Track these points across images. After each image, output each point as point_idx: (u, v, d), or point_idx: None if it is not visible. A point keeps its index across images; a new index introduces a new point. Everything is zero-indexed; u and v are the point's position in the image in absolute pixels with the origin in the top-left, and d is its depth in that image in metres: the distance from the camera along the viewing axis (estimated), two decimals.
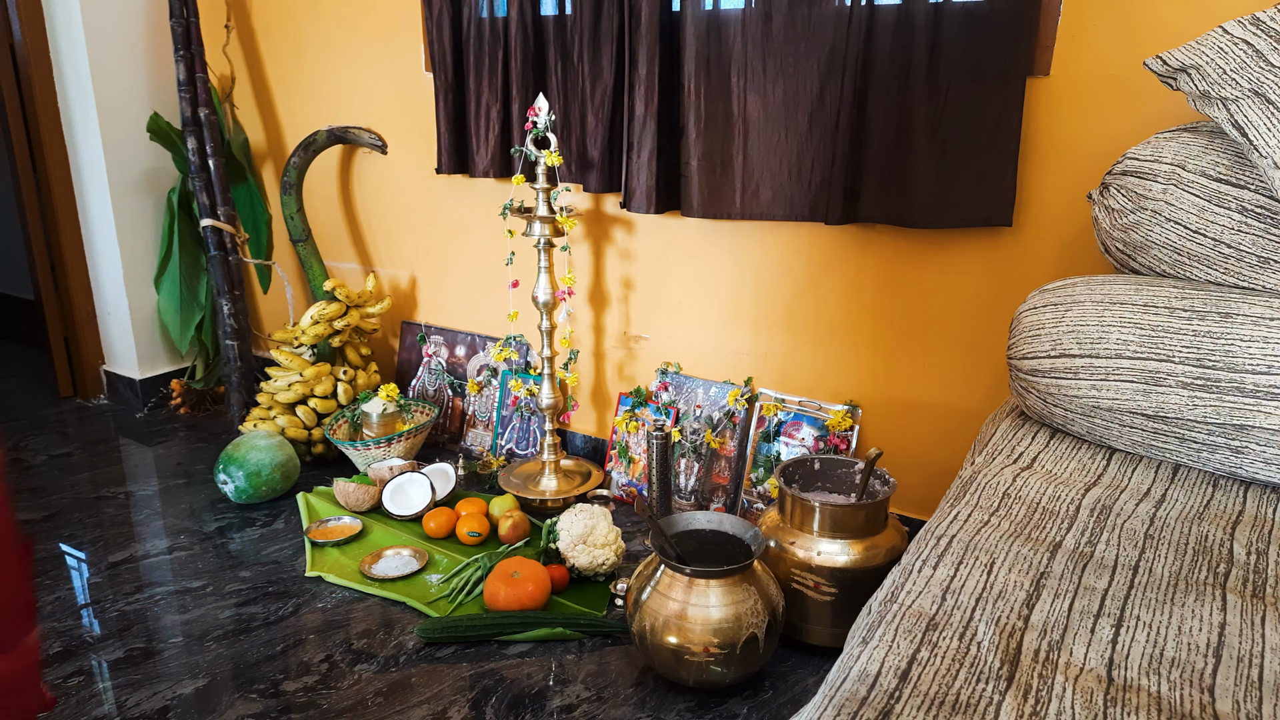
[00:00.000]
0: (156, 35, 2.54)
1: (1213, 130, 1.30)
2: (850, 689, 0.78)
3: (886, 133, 1.67)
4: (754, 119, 1.80)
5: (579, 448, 2.30)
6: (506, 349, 2.24)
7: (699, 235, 2.00)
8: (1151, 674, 0.79)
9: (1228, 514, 1.09)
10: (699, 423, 2.07)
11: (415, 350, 2.51)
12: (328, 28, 2.41)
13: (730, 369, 2.05)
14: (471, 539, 1.90)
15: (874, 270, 1.82)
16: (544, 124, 1.90)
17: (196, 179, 2.43)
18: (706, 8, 1.79)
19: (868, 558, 1.49)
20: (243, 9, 2.56)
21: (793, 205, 1.81)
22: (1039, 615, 0.87)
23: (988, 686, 0.77)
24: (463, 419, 2.40)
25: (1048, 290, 1.32)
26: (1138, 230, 1.31)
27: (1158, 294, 1.21)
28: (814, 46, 1.71)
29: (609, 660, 1.54)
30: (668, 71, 1.86)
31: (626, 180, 1.93)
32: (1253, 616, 0.87)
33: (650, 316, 2.13)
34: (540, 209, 1.93)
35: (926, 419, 1.84)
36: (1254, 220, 1.21)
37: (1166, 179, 1.28)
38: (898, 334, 1.83)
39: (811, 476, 1.69)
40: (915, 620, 0.87)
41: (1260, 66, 1.19)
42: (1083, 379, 1.21)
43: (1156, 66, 1.31)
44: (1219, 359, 1.12)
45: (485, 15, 2.05)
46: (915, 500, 1.85)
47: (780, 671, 1.51)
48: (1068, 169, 1.59)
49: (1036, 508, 1.09)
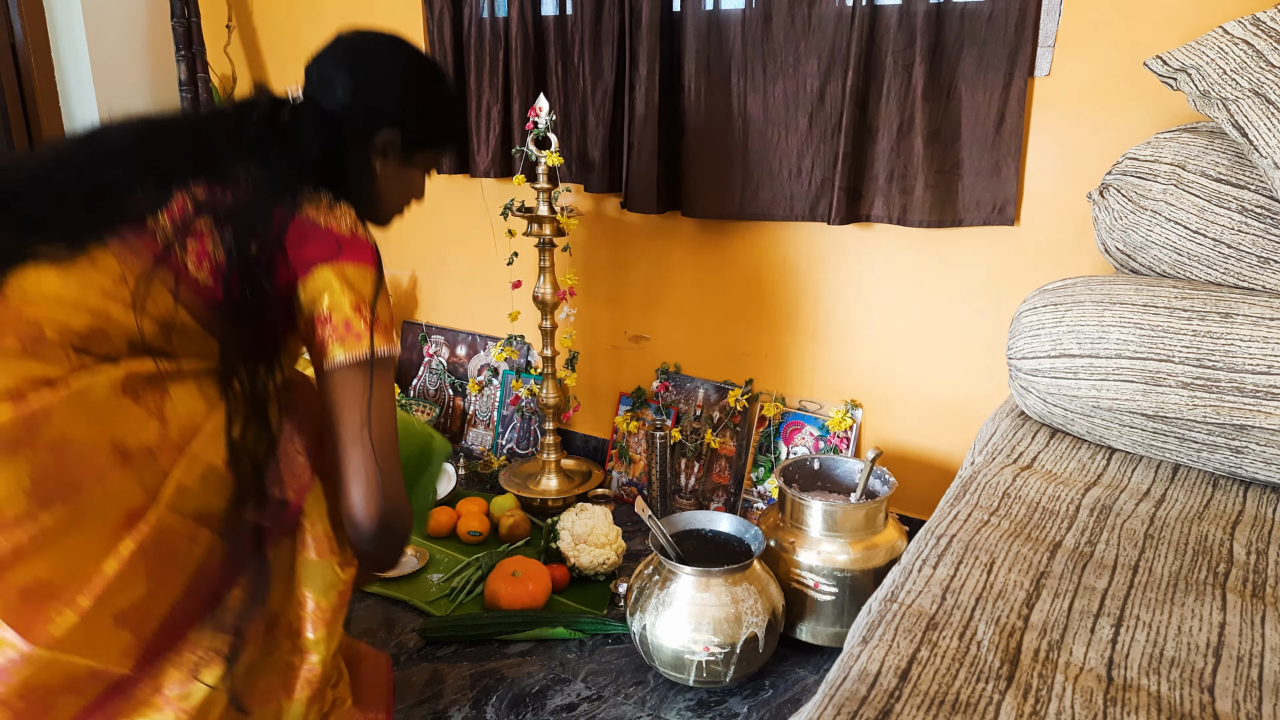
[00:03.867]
0: (157, 35, 2.54)
1: (1213, 130, 1.30)
2: (850, 688, 0.78)
3: (887, 133, 1.68)
4: (754, 119, 1.81)
5: (579, 447, 2.30)
6: (507, 348, 2.25)
7: (699, 235, 2.00)
8: (1151, 674, 0.79)
9: (1228, 514, 1.10)
10: (699, 423, 2.07)
11: (416, 350, 2.51)
12: (329, 28, 2.40)
13: (730, 369, 2.05)
14: (472, 538, 1.90)
15: (874, 270, 1.82)
16: (545, 124, 1.90)
17: None
18: (707, 8, 1.79)
19: (868, 557, 1.49)
20: (244, 9, 2.56)
21: (793, 205, 1.81)
22: (1039, 615, 0.87)
23: (988, 686, 0.77)
24: (464, 418, 2.41)
25: (1048, 290, 1.32)
26: (1138, 230, 1.31)
27: (1158, 294, 1.21)
28: (814, 46, 1.71)
29: (609, 659, 1.54)
30: (668, 71, 1.86)
31: (627, 180, 1.94)
32: (1253, 616, 0.88)
33: (650, 316, 2.13)
34: (541, 209, 1.93)
35: (926, 418, 1.84)
36: (1254, 220, 1.21)
37: (1167, 179, 1.28)
38: (898, 333, 1.83)
39: (811, 476, 1.69)
40: (915, 620, 0.87)
41: (1260, 67, 1.19)
42: (1083, 379, 1.21)
43: (1156, 67, 1.31)
44: (1219, 359, 1.12)
45: (486, 15, 2.06)
46: (915, 500, 1.85)
47: (780, 670, 1.51)
48: (1068, 169, 1.59)
49: (1036, 507, 1.09)
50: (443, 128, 1.28)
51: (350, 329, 1.04)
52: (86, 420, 0.87)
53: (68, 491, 0.85)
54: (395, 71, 1.22)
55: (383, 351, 1.06)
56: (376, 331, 1.05)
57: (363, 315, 1.04)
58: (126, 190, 1.00)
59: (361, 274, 1.06)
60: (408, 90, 1.22)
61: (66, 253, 0.93)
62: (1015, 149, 1.60)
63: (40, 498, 0.83)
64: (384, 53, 1.23)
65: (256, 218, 1.02)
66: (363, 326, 1.04)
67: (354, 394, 1.05)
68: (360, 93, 1.18)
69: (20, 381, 0.85)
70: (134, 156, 1.04)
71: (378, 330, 1.05)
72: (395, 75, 1.22)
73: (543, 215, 1.93)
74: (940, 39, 1.60)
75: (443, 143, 1.29)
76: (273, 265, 1.02)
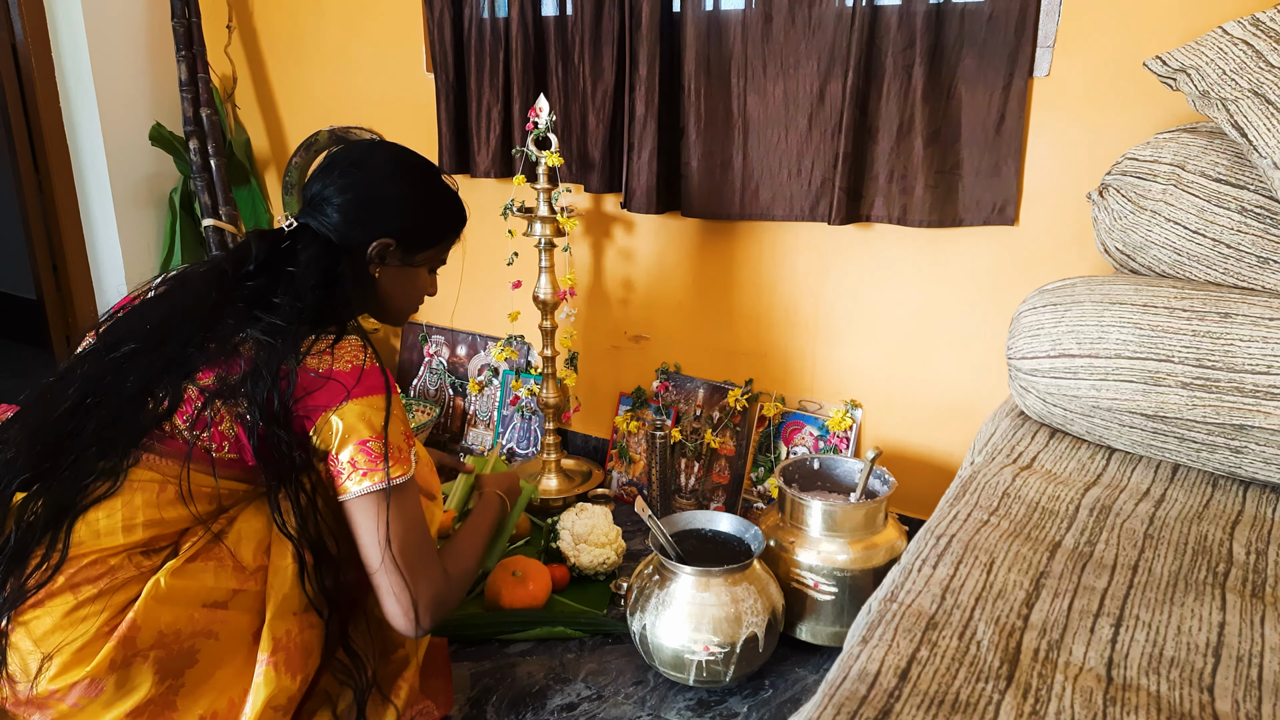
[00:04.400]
0: (158, 35, 2.54)
1: (1213, 130, 1.30)
2: (850, 688, 0.78)
3: (887, 133, 1.68)
4: (754, 119, 1.81)
5: (579, 447, 2.31)
6: (507, 349, 2.25)
7: (699, 235, 2.00)
8: (1151, 673, 0.79)
9: (1227, 514, 1.10)
10: (699, 423, 2.07)
11: (416, 350, 2.51)
12: (330, 28, 2.42)
13: (730, 369, 2.06)
14: None
15: (874, 270, 1.82)
16: (545, 124, 1.90)
17: (198, 179, 2.43)
18: (707, 8, 1.79)
19: (867, 557, 1.49)
20: (245, 9, 2.56)
21: (793, 205, 1.81)
22: (1039, 615, 0.88)
23: (987, 686, 0.77)
24: (464, 418, 2.41)
25: (1048, 290, 1.32)
26: (1137, 230, 1.31)
27: (1157, 294, 1.21)
28: (814, 46, 1.71)
29: (610, 659, 1.54)
30: (668, 72, 1.86)
31: (627, 180, 1.94)
32: (1252, 616, 0.88)
33: (650, 316, 2.14)
34: (541, 209, 1.93)
35: (926, 418, 1.84)
36: (1254, 220, 1.21)
37: (1166, 179, 1.28)
38: (898, 333, 1.83)
39: (811, 476, 1.70)
40: (915, 619, 0.87)
41: (1260, 67, 1.19)
42: (1082, 379, 1.21)
43: (1156, 67, 1.32)
44: (1219, 359, 1.12)
45: (486, 15, 2.06)
46: (915, 500, 1.85)
47: (780, 670, 1.51)
48: (1067, 169, 1.59)
49: (1036, 507, 1.10)
50: (437, 226, 1.32)
51: (356, 466, 1.11)
52: (168, 606, 1.03)
53: (189, 656, 1.04)
54: (381, 182, 1.25)
55: (398, 478, 1.12)
56: (390, 461, 1.11)
57: (369, 449, 1.11)
58: (143, 402, 1.08)
59: (369, 406, 1.12)
60: (396, 198, 1.26)
61: (110, 488, 1.03)
62: (1015, 149, 1.60)
63: (171, 674, 1.03)
64: (370, 164, 1.26)
65: (262, 386, 1.08)
66: (366, 461, 1.11)
67: (370, 522, 1.12)
68: (348, 208, 1.22)
69: (103, 624, 1.00)
70: (145, 358, 1.10)
71: (391, 460, 1.12)
72: (381, 186, 1.25)
73: (543, 215, 1.93)
74: (940, 39, 1.60)
75: (439, 240, 1.33)
76: (289, 420, 1.09)
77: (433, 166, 1.33)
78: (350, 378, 1.11)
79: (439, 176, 1.32)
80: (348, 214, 1.21)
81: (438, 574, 1.19)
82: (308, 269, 1.17)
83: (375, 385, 1.13)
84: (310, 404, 1.10)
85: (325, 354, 1.12)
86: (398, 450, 1.13)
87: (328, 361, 1.11)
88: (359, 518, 1.13)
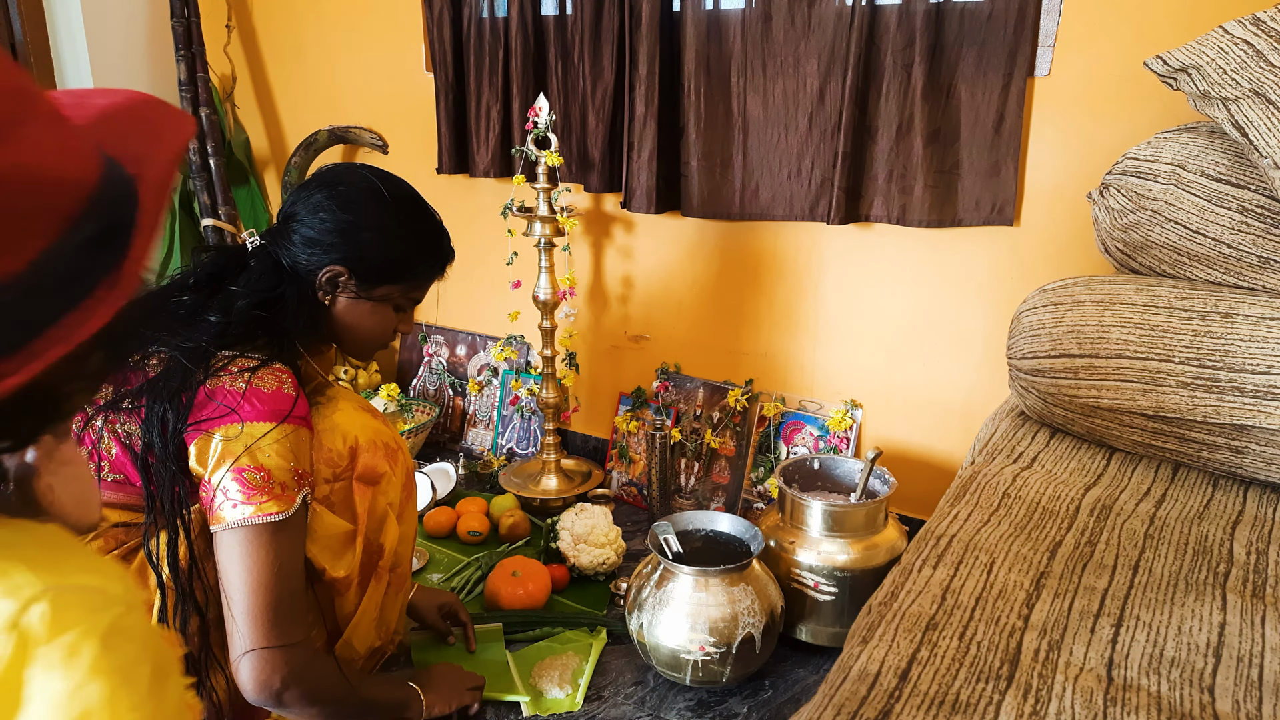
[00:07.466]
0: (157, 35, 2.54)
1: (1213, 130, 1.30)
2: (850, 688, 0.78)
3: (887, 133, 1.67)
4: (754, 119, 1.81)
5: (579, 447, 2.30)
6: (507, 348, 2.24)
7: (699, 235, 2.00)
8: (1151, 674, 0.79)
9: (1228, 514, 1.10)
10: (699, 423, 2.07)
11: (416, 350, 2.51)
12: (329, 28, 2.41)
13: (730, 369, 2.05)
14: (472, 538, 1.90)
15: (873, 270, 1.82)
16: (544, 124, 1.90)
17: (197, 178, 2.43)
18: (706, 8, 1.79)
19: (868, 557, 1.49)
20: (244, 9, 2.56)
21: (792, 205, 1.81)
22: (1039, 615, 0.87)
23: (988, 686, 0.77)
24: (463, 418, 2.41)
25: (1048, 290, 1.32)
26: (1138, 230, 1.31)
27: (1158, 294, 1.21)
28: (814, 46, 1.71)
29: (609, 659, 1.54)
30: (668, 71, 1.86)
31: (627, 180, 1.93)
32: (1253, 616, 0.87)
33: (650, 316, 2.13)
34: (541, 209, 1.93)
35: (926, 419, 1.84)
36: (1254, 220, 1.21)
37: (1167, 179, 1.28)
38: (898, 333, 1.83)
39: (811, 476, 1.69)
40: (915, 620, 0.87)
41: (1260, 66, 1.19)
42: (1083, 379, 1.21)
43: (1156, 66, 1.31)
44: (1219, 359, 1.12)
45: (486, 15, 2.06)
46: (915, 500, 1.85)
47: (780, 671, 1.51)
48: (1068, 169, 1.59)
49: (1036, 507, 1.09)
50: (401, 262, 1.22)
51: (228, 496, 1.01)
52: None
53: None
54: (346, 208, 1.17)
55: (271, 515, 1.02)
56: (265, 494, 1.01)
57: (244, 478, 1.01)
58: None
59: (260, 432, 1.03)
60: (356, 227, 1.17)
61: None
62: (1015, 149, 1.60)
63: None
64: (339, 189, 1.18)
65: (159, 404, 1.02)
66: (240, 492, 1.01)
67: (234, 559, 1.02)
68: (306, 232, 1.17)
69: None
70: None
71: (266, 493, 1.01)
72: (344, 211, 1.17)
73: (542, 215, 1.93)
74: (940, 39, 1.60)
75: (403, 277, 1.23)
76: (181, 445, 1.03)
77: (413, 200, 1.24)
78: (255, 399, 1.04)
79: (419, 211, 1.24)
80: (304, 237, 1.16)
81: (306, 645, 1.06)
82: (246, 289, 1.12)
83: (277, 412, 1.04)
84: (199, 418, 1.02)
85: (240, 375, 1.05)
86: (280, 486, 1.03)
87: (240, 382, 1.05)
88: (222, 555, 1.02)
